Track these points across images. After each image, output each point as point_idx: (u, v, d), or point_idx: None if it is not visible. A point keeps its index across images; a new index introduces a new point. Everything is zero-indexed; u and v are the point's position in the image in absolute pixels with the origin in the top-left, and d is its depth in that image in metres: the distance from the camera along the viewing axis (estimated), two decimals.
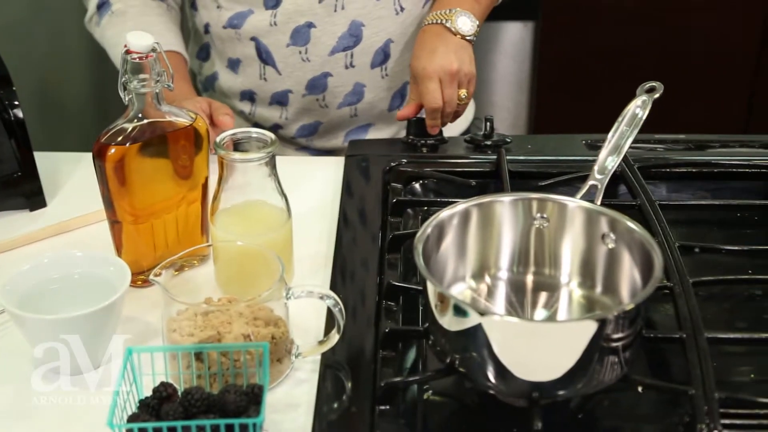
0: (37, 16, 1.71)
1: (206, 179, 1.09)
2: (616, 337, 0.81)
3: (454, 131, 1.49)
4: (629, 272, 0.92)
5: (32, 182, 1.23)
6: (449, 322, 0.84)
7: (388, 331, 0.94)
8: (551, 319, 0.97)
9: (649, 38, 2.54)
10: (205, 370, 0.87)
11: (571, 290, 0.98)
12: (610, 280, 0.95)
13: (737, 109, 2.63)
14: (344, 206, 1.20)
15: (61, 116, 1.83)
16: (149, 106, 1.01)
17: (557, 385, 0.82)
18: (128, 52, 0.98)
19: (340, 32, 1.41)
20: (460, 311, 0.83)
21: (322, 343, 0.93)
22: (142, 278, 1.05)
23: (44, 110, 1.75)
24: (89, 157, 1.01)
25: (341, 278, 1.05)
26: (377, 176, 1.28)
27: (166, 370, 0.87)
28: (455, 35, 1.35)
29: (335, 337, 0.91)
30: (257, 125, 1.52)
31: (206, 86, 1.56)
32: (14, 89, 1.20)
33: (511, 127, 2.77)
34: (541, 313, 0.98)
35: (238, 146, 1.03)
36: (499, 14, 1.51)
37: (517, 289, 0.99)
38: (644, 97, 1.01)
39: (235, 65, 1.48)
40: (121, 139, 1.00)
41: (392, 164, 1.29)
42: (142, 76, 0.99)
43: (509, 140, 1.34)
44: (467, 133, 1.48)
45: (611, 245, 0.94)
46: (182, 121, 1.04)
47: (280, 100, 1.48)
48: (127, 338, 0.95)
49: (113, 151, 0.99)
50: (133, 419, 0.79)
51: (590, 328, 0.80)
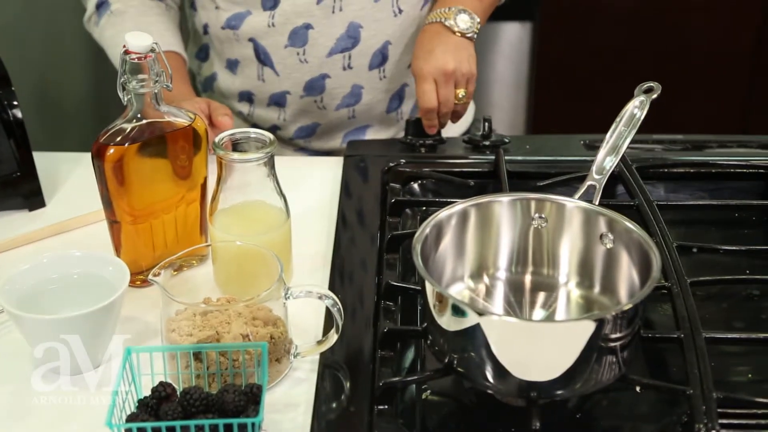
0: (35, 16, 1.71)
1: (205, 179, 1.09)
2: (614, 336, 0.81)
3: (453, 132, 1.49)
4: (627, 272, 0.92)
5: (31, 182, 1.23)
6: (448, 322, 0.84)
7: (386, 331, 0.94)
8: (549, 319, 0.97)
9: (646, 39, 2.54)
10: (203, 369, 0.87)
11: (569, 290, 0.98)
12: (608, 280, 0.95)
13: (735, 109, 2.63)
14: (343, 206, 1.21)
15: (60, 116, 1.83)
16: (148, 106, 1.01)
17: (555, 384, 0.82)
18: (127, 52, 0.98)
19: (338, 34, 1.41)
20: (458, 311, 0.83)
21: (320, 342, 0.93)
22: (141, 278, 1.05)
23: (43, 110, 1.75)
24: (88, 157, 1.01)
25: (340, 278, 1.06)
26: (376, 176, 1.28)
27: (165, 369, 0.87)
28: (454, 33, 1.34)
29: (334, 336, 0.91)
30: (255, 126, 1.52)
31: (205, 87, 1.56)
32: (13, 89, 1.20)
33: (509, 127, 2.77)
34: (539, 313, 0.98)
35: (236, 146, 1.03)
36: (496, 14, 1.51)
37: (515, 289, 0.99)
38: (642, 97, 1.02)
39: (233, 66, 1.48)
40: (120, 139, 1.00)
41: (391, 164, 1.29)
42: (140, 76, 0.99)
43: (507, 140, 1.34)
44: (467, 134, 1.48)
45: (609, 245, 0.94)
46: (181, 121, 1.04)
47: (278, 101, 1.48)
48: (127, 338, 0.95)
49: (112, 151, 1.00)
50: (131, 419, 0.79)
51: (588, 328, 0.80)
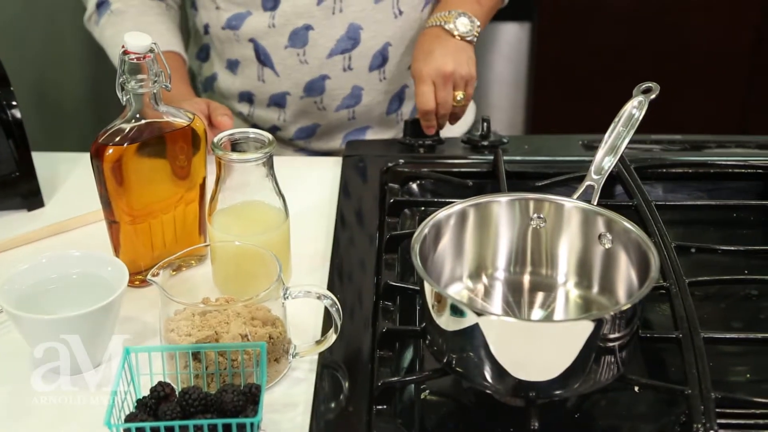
0: (35, 16, 1.71)
1: (204, 179, 1.09)
2: (612, 337, 0.82)
3: (455, 133, 1.49)
4: (626, 272, 0.92)
5: (30, 182, 1.23)
6: (446, 322, 0.84)
7: (385, 330, 0.94)
8: (548, 319, 0.97)
9: (645, 39, 2.54)
10: (202, 369, 0.87)
11: (567, 290, 0.98)
12: (606, 280, 0.95)
13: (734, 109, 2.63)
14: (342, 206, 1.21)
15: (58, 116, 1.82)
16: (147, 106, 1.01)
17: (554, 384, 0.82)
18: (126, 52, 0.98)
19: (338, 35, 1.41)
20: (457, 311, 0.83)
21: (319, 342, 0.93)
22: (139, 278, 1.05)
23: (42, 110, 1.75)
24: (87, 157, 1.01)
25: (339, 278, 1.06)
26: (374, 176, 1.28)
27: (163, 369, 0.87)
28: (454, 37, 1.35)
29: (332, 336, 0.92)
30: (256, 126, 1.52)
31: (206, 87, 1.56)
32: (12, 89, 1.20)
33: (507, 127, 2.77)
34: (537, 313, 0.98)
35: (235, 147, 1.03)
36: (495, 14, 1.51)
37: (514, 289, 0.99)
38: (640, 97, 1.02)
39: (233, 66, 1.48)
40: (118, 139, 1.00)
41: (389, 164, 1.29)
42: (139, 76, 0.99)
43: (506, 140, 1.35)
44: (468, 134, 1.48)
45: (608, 245, 0.94)
46: (180, 121, 1.04)
47: (278, 101, 1.48)
48: (127, 338, 0.95)
49: (111, 151, 1.00)
50: (130, 419, 0.79)
51: (587, 328, 0.80)
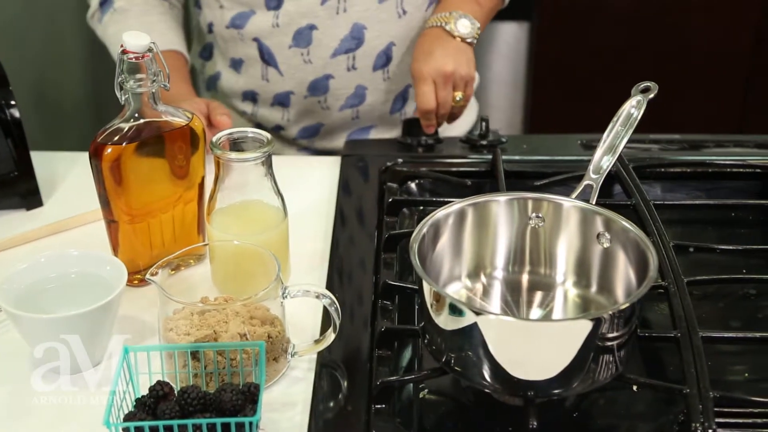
0: (33, 15, 1.71)
1: (203, 179, 1.09)
2: (611, 336, 0.82)
3: (456, 132, 1.49)
4: (624, 271, 0.92)
5: (29, 182, 1.23)
6: (445, 321, 0.84)
7: (383, 330, 0.94)
8: (546, 318, 0.97)
9: (643, 38, 2.54)
10: (201, 369, 0.87)
11: (566, 289, 0.98)
12: (605, 279, 0.95)
13: (734, 109, 2.63)
14: (340, 206, 1.21)
15: (57, 116, 1.82)
16: (146, 105, 1.01)
17: (552, 383, 0.83)
18: (124, 51, 0.98)
19: (342, 35, 1.41)
20: (455, 310, 0.83)
21: (318, 342, 0.93)
22: (138, 277, 1.05)
23: (41, 110, 1.75)
24: (86, 156, 1.01)
25: (337, 277, 1.06)
26: (373, 176, 1.28)
27: (162, 369, 0.87)
28: (454, 38, 1.35)
29: (331, 336, 0.92)
30: (259, 126, 1.52)
31: (209, 86, 1.56)
32: (11, 89, 1.20)
33: (506, 127, 2.77)
34: (536, 312, 0.98)
35: (234, 146, 1.03)
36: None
37: (512, 288, 0.99)
38: (639, 97, 1.02)
39: (237, 65, 1.48)
40: (117, 138, 1.00)
41: (388, 164, 1.29)
42: (138, 75, 0.99)
43: (504, 140, 1.35)
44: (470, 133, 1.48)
45: (606, 245, 0.94)
46: (179, 120, 1.04)
47: (281, 101, 1.48)
48: (127, 338, 0.95)
49: (110, 150, 1.00)
50: (129, 418, 0.79)
51: (585, 327, 0.80)
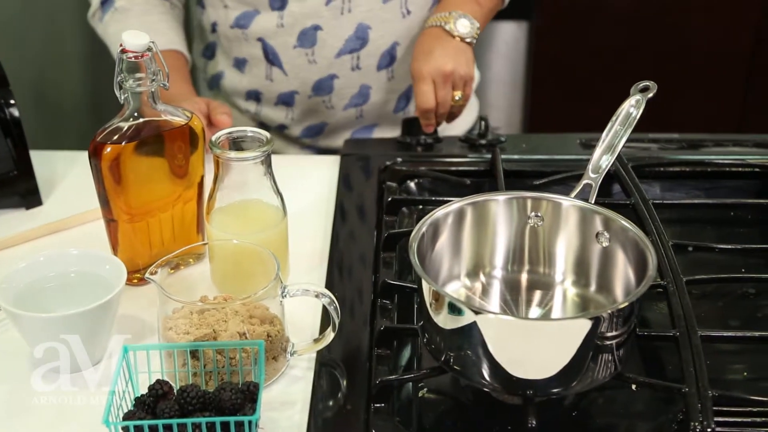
0: (34, 15, 1.71)
1: (202, 178, 1.09)
2: (610, 335, 0.82)
3: (456, 131, 1.49)
4: (623, 271, 0.92)
5: (28, 181, 1.23)
6: (444, 320, 0.84)
7: (383, 329, 0.94)
8: (545, 317, 0.97)
9: (643, 38, 2.54)
10: (200, 368, 0.87)
11: (565, 288, 0.98)
12: (604, 278, 0.95)
13: (734, 109, 2.63)
14: (340, 205, 1.21)
15: (57, 115, 1.82)
16: (145, 105, 1.01)
17: (551, 382, 0.83)
18: (124, 51, 0.98)
19: (346, 35, 1.41)
20: (454, 309, 0.83)
21: (317, 341, 0.93)
22: (137, 276, 1.05)
23: (40, 109, 1.75)
24: (85, 155, 1.01)
25: (337, 276, 1.06)
26: (373, 175, 1.28)
27: (162, 368, 0.87)
28: (454, 38, 1.35)
29: (330, 335, 0.92)
30: (263, 125, 1.53)
31: (211, 85, 1.56)
32: (10, 88, 1.20)
33: (505, 126, 2.77)
34: (535, 311, 0.98)
35: (234, 145, 1.03)
36: None
37: (511, 287, 0.99)
38: (638, 96, 1.02)
39: (241, 65, 1.48)
40: (116, 137, 1.00)
41: (387, 163, 1.29)
42: (137, 75, 0.99)
43: (504, 139, 1.35)
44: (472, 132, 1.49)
45: (605, 244, 0.94)
46: (178, 120, 1.04)
47: (286, 100, 1.48)
48: (127, 338, 0.95)
49: (109, 149, 1.00)
50: (128, 417, 0.79)
51: (584, 326, 0.80)
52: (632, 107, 1.01)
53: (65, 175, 1.31)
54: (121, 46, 0.98)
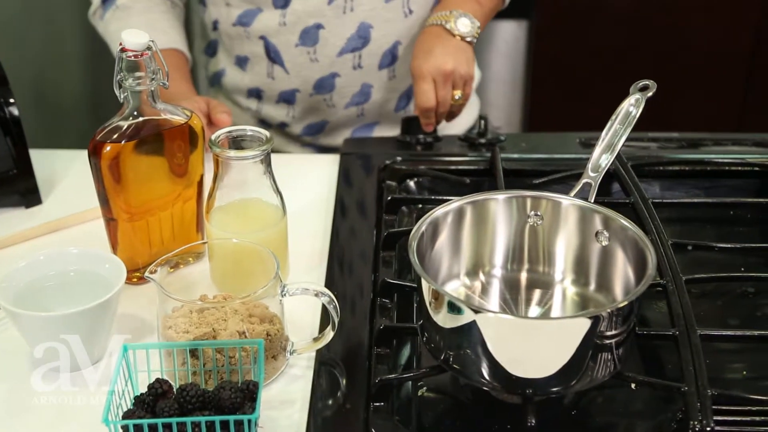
0: (34, 14, 1.71)
1: (201, 177, 1.09)
2: (609, 334, 0.82)
3: (456, 130, 1.49)
4: (623, 270, 0.93)
5: (28, 180, 1.23)
6: (443, 319, 0.84)
7: (382, 328, 0.94)
8: (545, 316, 0.97)
9: (642, 37, 2.54)
10: (200, 366, 0.87)
11: (564, 287, 0.98)
12: (603, 277, 0.95)
13: (734, 109, 2.63)
14: (339, 203, 1.21)
15: (56, 114, 1.82)
16: (144, 103, 1.01)
17: (551, 381, 0.83)
18: (123, 50, 0.98)
19: (348, 33, 1.41)
20: (454, 308, 0.83)
21: (317, 340, 0.93)
22: (137, 275, 1.05)
23: (40, 108, 1.75)
24: (85, 154, 1.01)
25: (336, 275, 1.06)
26: (372, 174, 1.28)
27: (161, 366, 0.87)
28: (454, 37, 1.35)
29: (330, 334, 0.92)
30: (263, 122, 1.53)
31: (212, 82, 1.56)
32: (10, 87, 1.20)
33: (505, 125, 2.77)
34: (535, 310, 0.98)
35: (233, 144, 1.03)
36: None
37: (511, 286, 1.00)
38: (637, 95, 1.02)
39: (243, 63, 1.48)
40: (116, 136, 1.00)
41: (387, 162, 1.29)
42: (137, 74, 0.99)
43: (503, 138, 1.35)
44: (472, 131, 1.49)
45: (605, 243, 0.94)
46: (177, 118, 1.04)
47: (287, 98, 1.48)
48: (128, 338, 0.95)
49: (109, 148, 1.00)
50: (128, 416, 0.79)
51: (584, 325, 0.80)
52: (632, 106, 1.01)
53: (65, 174, 1.31)
54: (120, 44, 0.98)
